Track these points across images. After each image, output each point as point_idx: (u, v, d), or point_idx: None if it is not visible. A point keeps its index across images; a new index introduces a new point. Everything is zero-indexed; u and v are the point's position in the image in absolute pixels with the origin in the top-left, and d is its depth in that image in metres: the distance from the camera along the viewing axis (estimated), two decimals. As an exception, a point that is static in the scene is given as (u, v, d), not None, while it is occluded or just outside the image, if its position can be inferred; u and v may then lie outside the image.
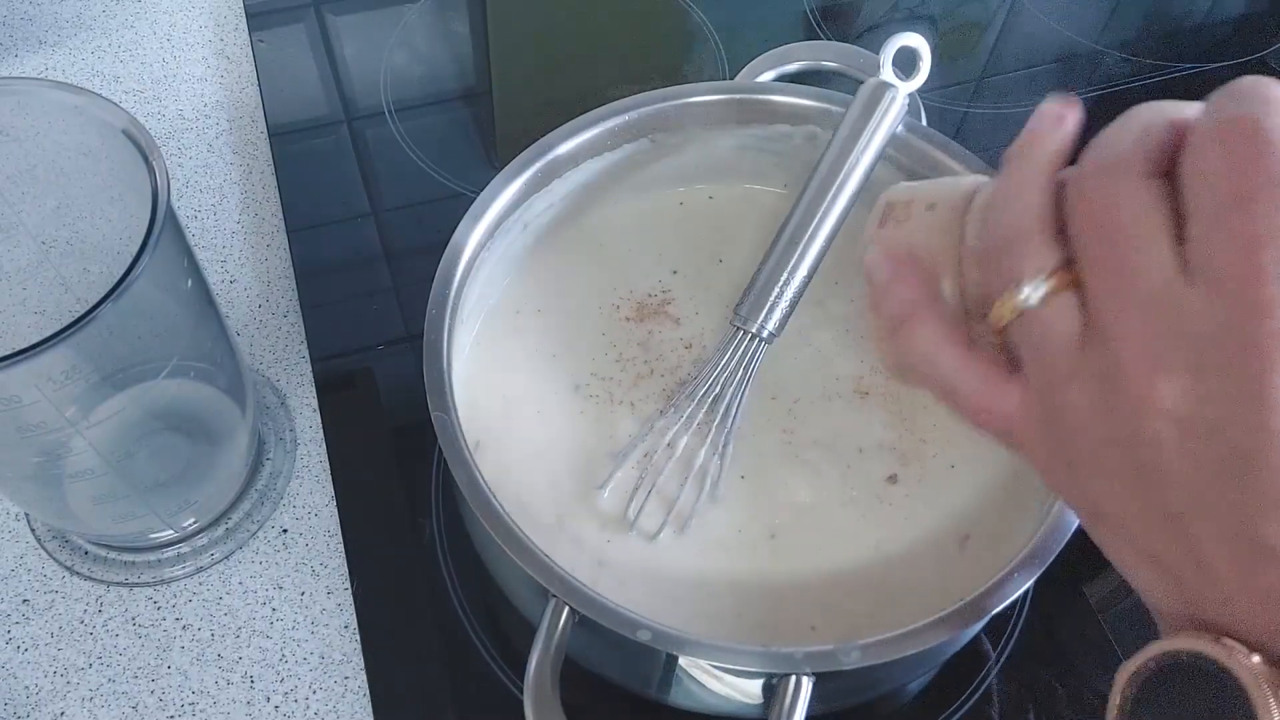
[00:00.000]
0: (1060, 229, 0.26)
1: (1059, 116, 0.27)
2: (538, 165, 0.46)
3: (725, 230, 0.51)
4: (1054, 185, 0.26)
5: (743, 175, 0.52)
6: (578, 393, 0.46)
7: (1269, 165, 0.22)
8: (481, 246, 0.44)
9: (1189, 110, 0.25)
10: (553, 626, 0.35)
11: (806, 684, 0.34)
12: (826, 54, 0.51)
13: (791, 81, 0.50)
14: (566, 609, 0.35)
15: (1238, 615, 0.24)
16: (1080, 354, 0.25)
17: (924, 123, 0.48)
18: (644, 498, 0.43)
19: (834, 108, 0.48)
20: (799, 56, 0.51)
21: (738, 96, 0.49)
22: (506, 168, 0.45)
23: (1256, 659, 0.23)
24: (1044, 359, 0.26)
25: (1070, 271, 0.25)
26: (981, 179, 0.31)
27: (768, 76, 0.50)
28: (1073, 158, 0.27)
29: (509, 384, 0.46)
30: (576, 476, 0.44)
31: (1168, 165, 0.24)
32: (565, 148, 0.47)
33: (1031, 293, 0.26)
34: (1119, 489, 0.25)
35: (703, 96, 0.49)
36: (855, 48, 0.50)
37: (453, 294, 0.42)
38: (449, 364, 0.40)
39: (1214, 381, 0.23)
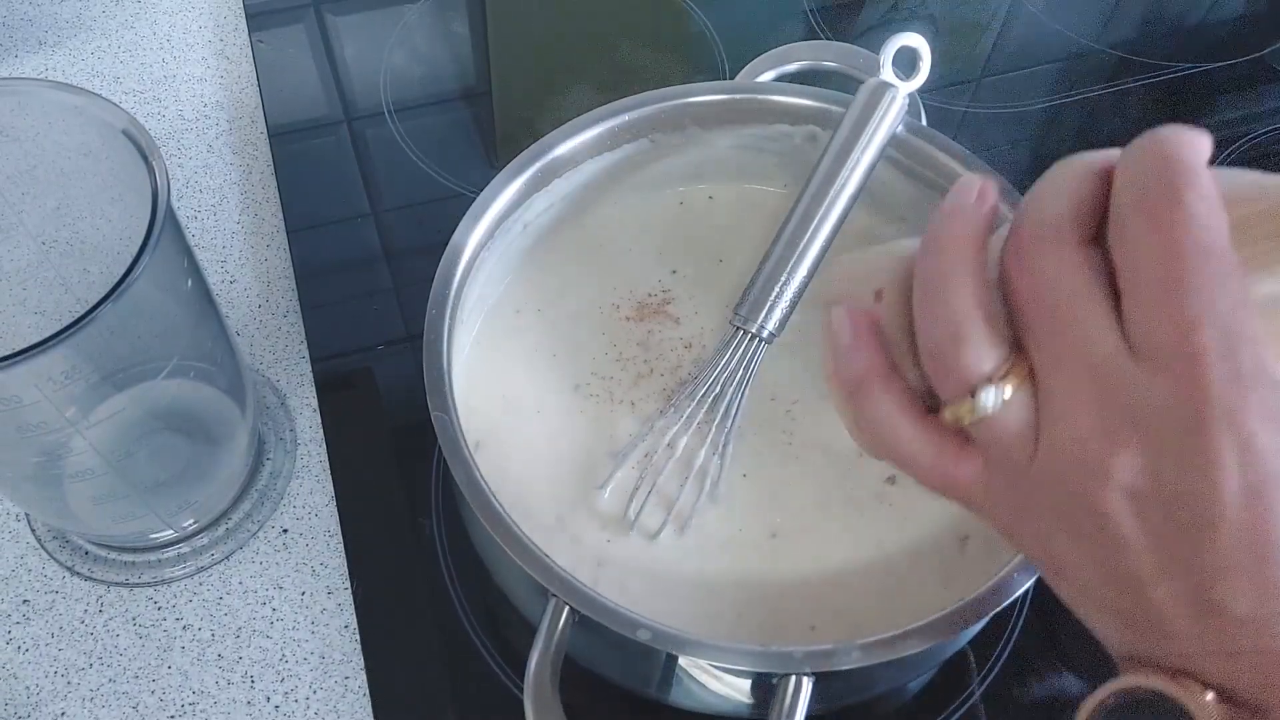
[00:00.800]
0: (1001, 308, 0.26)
1: (981, 193, 0.26)
2: (538, 165, 0.46)
3: (725, 230, 0.51)
4: (983, 268, 0.26)
5: (743, 175, 0.52)
6: (578, 392, 0.46)
7: (1194, 245, 0.22)
8: (481, 246, 0.44)
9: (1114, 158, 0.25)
10: (553, 626, 0.35)
11: (806, 684, 0.34)
12: (826, 54, 0.51)
13: (792, 81, 0.50)
14: (566, 609, 0.35)
15: (1193, 663, 0.25)
16: (1036, 436, 0.25)
17: (924, 122, 0.48)
18: (644, 497, 0.43)
19: (834, 107, 0.48)
20: (799, 56, 0.51)
21: (738, 96, 0.49)
22: (506, 168, 0.45)
23: (1210, 696, 0.24)
24: (1002, 449, 0.26)
25: (1020, 363, 0.25)
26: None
27: (768, 76, 0.50)
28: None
29: (509, 384, 0.46)
30: (576, 476, 0.44)
31: (1100, 224, 0.24)
32: (565, 148, 0.47)
33: (986, 401, 0.25)
34: (1078, 553, 0.26)
35: (703, 96, 0.49)
36: (855, 47, 0.50)
37: (453, 294, 0.42)
38: (449, 364, 0.40)
39: (1167, 455, 0.23)
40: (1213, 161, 0.23)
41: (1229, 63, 0.70)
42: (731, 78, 0.51)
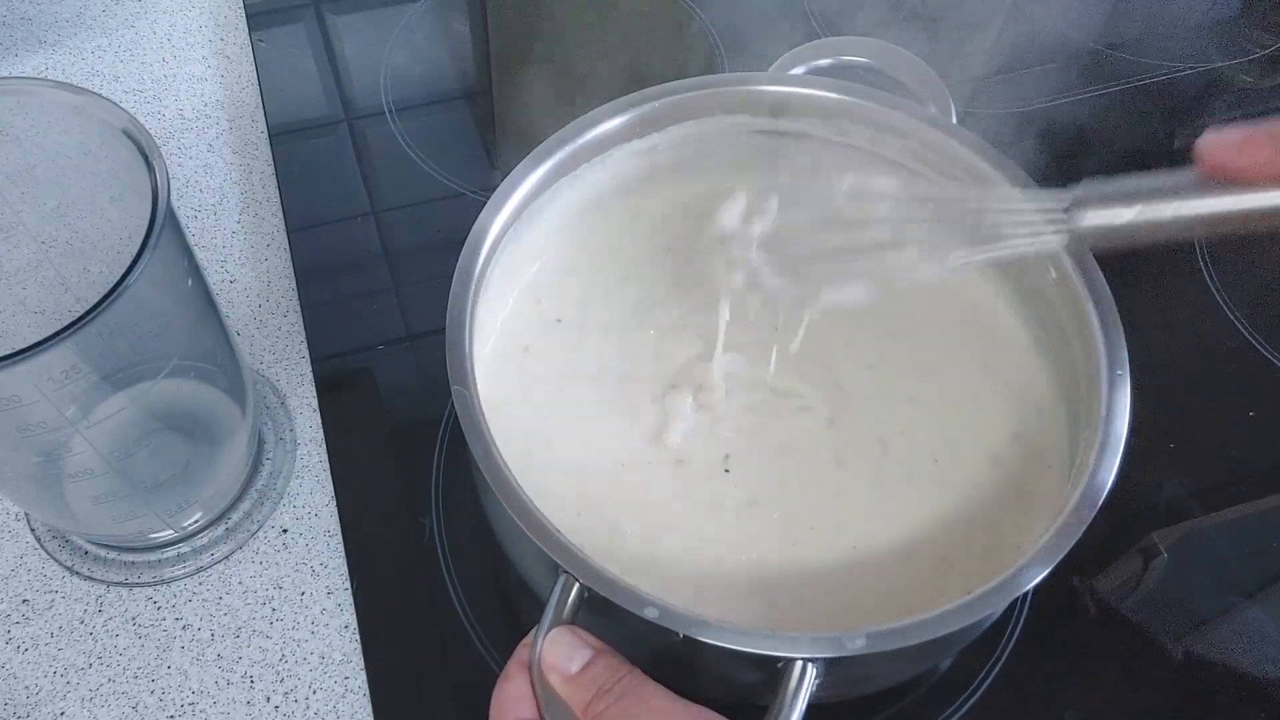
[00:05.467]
0: None
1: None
2: (564, 151, 0.45)
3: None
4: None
5: (770, 169, 0.52)
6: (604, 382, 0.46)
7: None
8: (508, 226, 0.44)
9: None
10: (561, 603, 0.35)
11: (811, 669, 0.34)
12: (860, 50, 0.50)
13: (822, 76, 0.50)
14: (576, 585, 0.35)
15: None
16: None
17: (954, 120, 0.48)
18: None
19: (863, 102, 0.47)
20: (832, 52, 0.50)
21: (767, 89, 0.48)
22: (534, 152, 0.45)
23: None
24: None
25: None
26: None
27: (799, 71, 0.50)
28: None
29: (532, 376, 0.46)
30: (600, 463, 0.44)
31: None
32: (591, 135, 0.46)
33: None
34: None
35: (731, 87, 0.48)
36: (891, 45, 0.49)
37: (477, 271, 0.41)
38: (471, 341, 0.40)
39: None
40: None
41: (1229, 63, 0.70)
42: (732, 78, 0.51)
